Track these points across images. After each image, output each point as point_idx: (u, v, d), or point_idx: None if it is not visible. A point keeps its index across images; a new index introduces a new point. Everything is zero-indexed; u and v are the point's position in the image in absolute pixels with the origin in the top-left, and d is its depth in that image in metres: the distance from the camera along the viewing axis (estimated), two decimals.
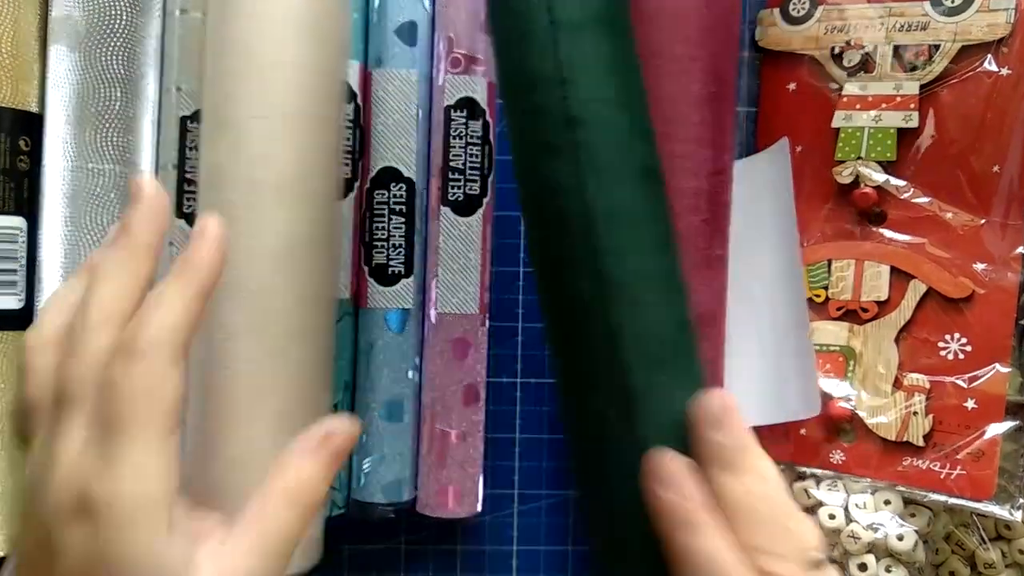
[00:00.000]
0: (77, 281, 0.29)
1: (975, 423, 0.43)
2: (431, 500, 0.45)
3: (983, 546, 0.45)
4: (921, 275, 0.45)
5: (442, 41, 0.45)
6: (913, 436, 0.44)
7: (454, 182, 0.45)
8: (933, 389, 0.44)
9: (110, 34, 0.42)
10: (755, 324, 0.47)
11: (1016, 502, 0.42)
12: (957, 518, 0.46)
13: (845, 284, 0.47)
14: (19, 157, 0.42)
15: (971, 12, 0.44)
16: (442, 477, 0.45)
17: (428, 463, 0.45)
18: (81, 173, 0.42)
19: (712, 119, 0.42)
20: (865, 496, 0.45)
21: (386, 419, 0.45)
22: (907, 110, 0.46)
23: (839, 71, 0.47)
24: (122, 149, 0.43)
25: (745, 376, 0.47)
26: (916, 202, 0.46)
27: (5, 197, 0.42)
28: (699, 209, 0.42)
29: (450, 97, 0.45)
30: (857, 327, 0.47)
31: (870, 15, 0.46)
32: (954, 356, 0.44)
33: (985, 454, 0.43)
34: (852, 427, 0.46)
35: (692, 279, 0.42)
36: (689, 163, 0.42)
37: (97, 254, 0.29)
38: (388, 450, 0.45)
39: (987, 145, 0.44)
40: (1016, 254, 0.43)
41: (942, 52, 0.45)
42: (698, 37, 0.41)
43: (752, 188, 0.48)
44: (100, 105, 0.42)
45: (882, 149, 0.46)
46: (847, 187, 0.47)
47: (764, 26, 0.49)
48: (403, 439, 0.45)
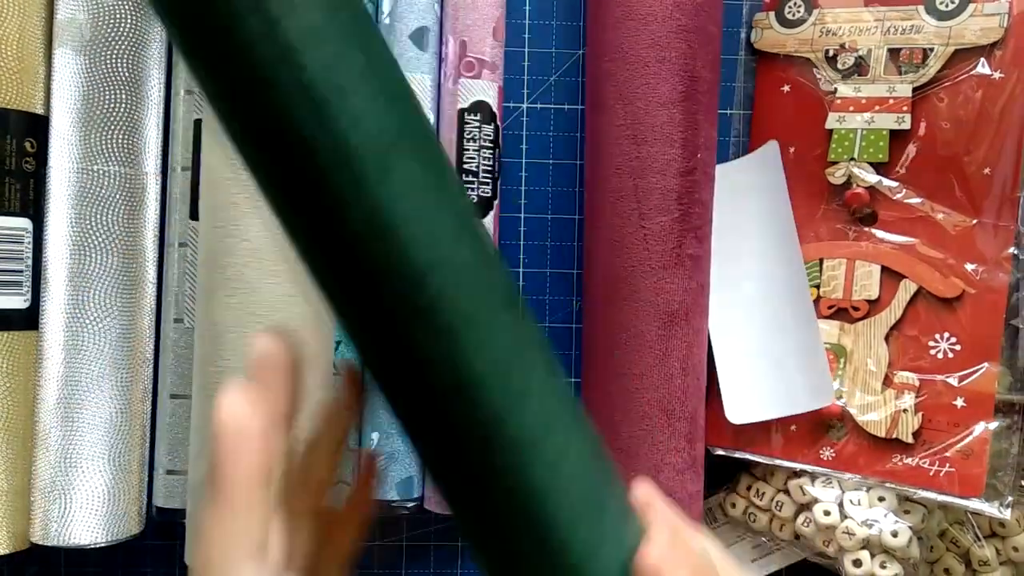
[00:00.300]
0: None
1: (964, 421, 0.44)
2: (439, 497, 0.45)
3: (977, 543, 0.45)
4: (913, 275, 0.46)
5: (454, 45, 0.45)
6: (903, 434, 0.45)
7: (468, 184, 0.45)
8: (923, 387, 0.45)
9: (115, 37, 0.42)
10: (753, 322, 0.48)
11: (1005, 500, 0.42)
12: (951, 515, 0.46)
13: (836, 283, 0.47)
14: (25, 159, 0.43)
15: (965, 16, 0.45)
16: None
17: None
18: (86, 175, 0.42)
19: (683, 119, 0.43)
20: (860, 493, 0.45)
21: None
22: (900, 112, 0.46)
23: (833, 73, 0.48)
24: (127, 151, 0.43)
25: (748, 373, 0.47)
26: (908, 203, 0.46)
27: (11, 198, 0.42)
28: (668, 209, 0.43)
29: (464, 100, 0.45)
30: (848, 325, 0.47)
31: (864, 19, 0.47)
32: (944, 355, 0.45)
33: (974, 452, 0.43)
34: (842, 424, 0.46)
35: (662, 278, 0.43)
36: (656, 163, 0.43)
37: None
38: (401, 447, 0.45)
39: (979, 147, 0.44)
40: (1007, 255, 0.44)
41: (935, 55, 0.45)
42: (667, 39, 0.42)
43: (741, 189, 0.48)
44: (105, 107, 0.42)
45: (875, 151, 0.46)
46: (840, 188, 0.47)
47: (759, 29, 0.50)
48: None
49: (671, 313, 0.43)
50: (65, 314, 0.42)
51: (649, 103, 0.43)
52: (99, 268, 0.42)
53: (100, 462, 0.42)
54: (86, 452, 0.42)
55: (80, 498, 0.42)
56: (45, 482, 0.42)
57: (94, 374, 0.42)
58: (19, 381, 0.43)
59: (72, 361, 0.42)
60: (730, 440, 0.48)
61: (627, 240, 0.43)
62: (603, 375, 0.45)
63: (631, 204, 0.43)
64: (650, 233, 0.43)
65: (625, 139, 0.43)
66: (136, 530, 0.44)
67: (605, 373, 0.44)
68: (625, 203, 0.43)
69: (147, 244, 0.44)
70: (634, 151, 0.43)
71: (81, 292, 0.42)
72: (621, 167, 0.43)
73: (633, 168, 0.43)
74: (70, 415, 0.42)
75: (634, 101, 0.43)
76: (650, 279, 0.43)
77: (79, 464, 0.42)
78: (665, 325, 0.43)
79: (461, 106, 0.45)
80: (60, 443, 0.42)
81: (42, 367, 0.43)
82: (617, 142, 0.43)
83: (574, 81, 0.50)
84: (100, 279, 0.42)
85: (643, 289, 0.43)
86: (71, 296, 0.42)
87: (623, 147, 0.43)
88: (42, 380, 0.43)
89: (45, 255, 0.43)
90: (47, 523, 0.42)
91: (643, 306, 0.43)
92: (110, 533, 0.43)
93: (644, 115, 0.43)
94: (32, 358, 0.43)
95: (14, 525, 0.43)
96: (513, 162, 0.50)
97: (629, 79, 0.43)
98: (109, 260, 0.43)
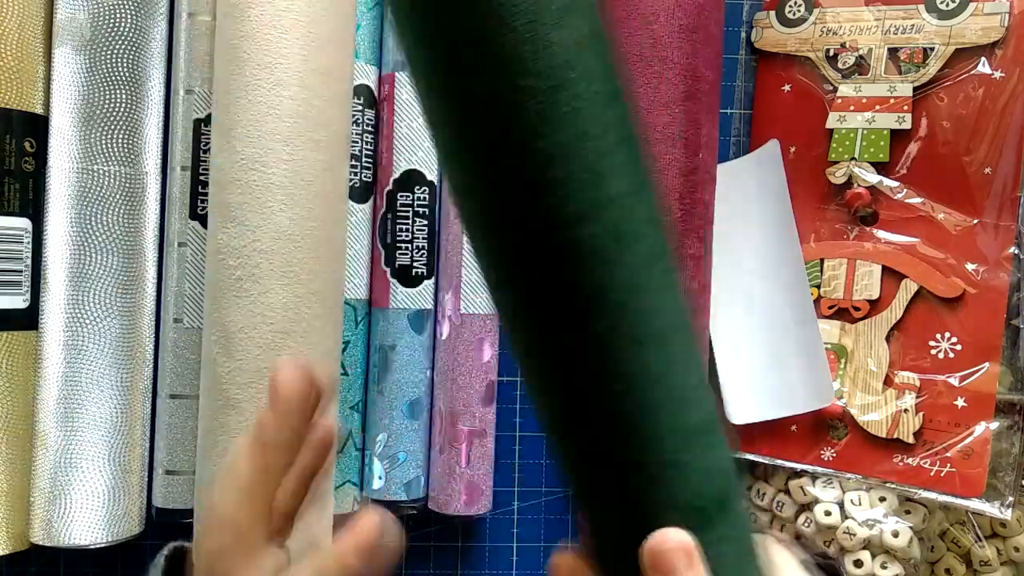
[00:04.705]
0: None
1: (965, 421, 0.44)
2: (445, 497, 0.46)
3: (978, 543, 0.45)
4: (913, 275, 0.46)
5: None
6: (903, 434, 0.45)
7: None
8: (924, 387, 0.45)
9: (115, 37, 0.42)
10: (753, 322, 0.48)
11: (1006, 500, 0.42)
12: (952, 515, 0.46)
13: (837, 283, 0.47)
14: (24, 158, 0.43)
15: (965, 16, 0.45)
16: (457, 475, 0.45)
17: (443, 461, 0.46)
18: (86, 174, 0.42)
19: (684, 118, 0.43)
20: (861, 493, 0.45)
21: (409, 417, 0.45)
22: (900, 112, 0.46)
23: (834, 73, 0.48)
24: (127, 150, 0.43)
25: (749, 373, 0.47)
26: (909, 203, 0.46)
27: (11, 198, 0.42)
28: (669, 208, 0.43)
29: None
30: (849, 325, 0.47)
31: (865, 18, 0.47)
32: (945, 355, 0.45)
33: (975, 452, 0.43)
34: (843, 424, 0.46)
35: None
36: (658, 162, 0.43)
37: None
38: (410, 448, 0.45)
39: (980, 147, 0.44)
40: (1007, 254, 0.44)
41: (936, 55, 0.45)
42: (669, 39, 0.42)
43: (743, 188, 0.48)
44: (105, 107, 0.42)
45: (875, 150, 0.46)
46: (840, 187, 0.47)
47: (760, 28, 0.50)
48: (421, 437, 0.46)
49: None
50: (65, 314, 0.42)
51: (651, 102, 0.43)
52: (99, 268, 0.42)
53: (100, 462, 0.42)
54: (86, 452, 0.42)
55: (80, 498, 0.42)
56: (45, 482, 0.42)
57: (94, 374, 0.42)
58: (19, 381, 0.43)
59: (72, 361, 0.42)
60: (730, 440, 0.48)
61: None
62: None
63: None
64: None
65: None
66: (136, 530, 0.44)
67: None
68: None
69: (147, 244, 0.44)
70: None
71: (81, 292, 0.42)
72: None
73: None
74: (70, 415, 0.42)
75: (636, 100, 0.43)
76: None
77: (79, 464, 0.42)
78: None
79: None
80: (60, 443, 0.42)
81: (42, 367, 0.43)
82: None
83: None
84: (100, 279, 0.42)
85: None
86: (71, 296, 0.42)
87: None
88: (42, 380, 0.43)
89: (45, 255, 0.43)
90: (47, 523, 0.42)
91: None
92: (110, 533, 0.43)
93: (646, 114, 0.43)
94: (32, 358, 0.43)
95: (14, 525, 0.43)
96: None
97: (631, 78, 0.43)
98: (109, 260, 0.42)
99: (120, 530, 0.43)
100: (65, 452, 0.42)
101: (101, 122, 0.42)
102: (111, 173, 0.43)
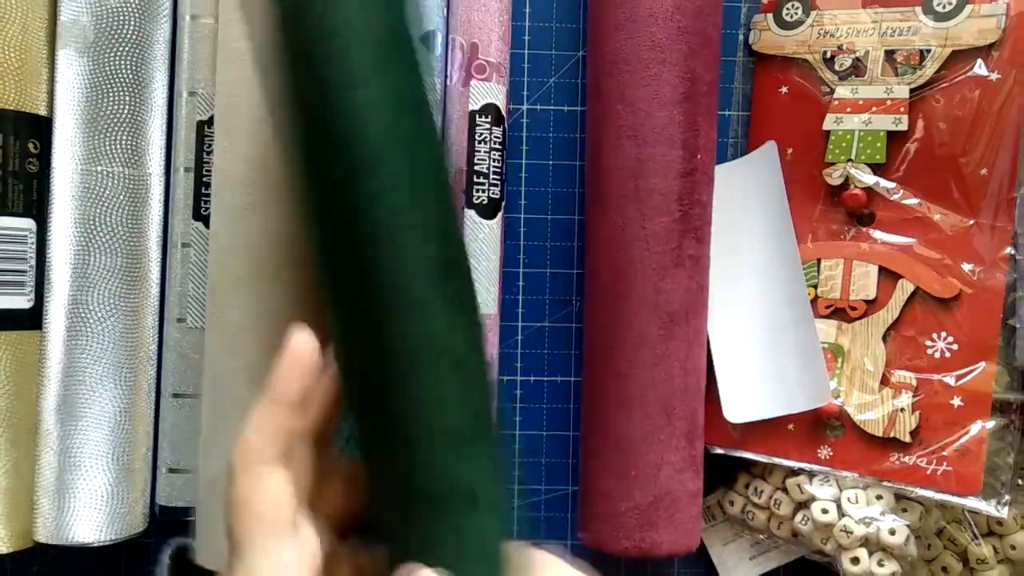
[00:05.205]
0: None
1: (962, 420, 0.44)
2: None
3: (975, 542, 0.46)
4: (910, 275, 0.46)
5: (464, 47, 0.45)
6: (900, 433, 0.45)
7: (479, 186, 0.45)
8: (920, 387, 0.45)
9: (119, 39, 0.43)
10: (751, 322, 0.48)
11: (1002, 498, 0.43)
12: (949, 514, 0.46)
13: (834, 283, 0.48)
14: (28, 160, 0.43)
15: (962, 17, 0.45)
16: None
17: None
18: (90, 175, 0.43)
19: (683, 120, 0.43)
20: (857, 491, 0.45)
21: None
22: (897, 113, 0.46)
23: (831, 75, 0.48)
24: (130, 152, 0.43)
25: (746, 372, 0.47)
26: (905, 203, 0.46)
27: (14, 199, 0.43)
28: (667, 210, 0.43)
29: (475, 102, 0.45)
30: (845, 325, 0.47)
31: (862, 20, 0.47)
32: (941, 354, 0.45)
33: (971, 451, 0.43)
34: (840, 423, 0.46)
35: (662, 279, 0.43)
36: (657, 164, 0.43)
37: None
38: None
39: (976, 148, 0.45)
40: (1003, 255, 0.44)
41: (932, 57, 0.46)
42: (667, 41, 0.43)
43: (740, 190, 0.49)
44: (109, 108, 0.43)
45: (872, 152, 0.47)
46: (837, 188, 0.48)
47: (757, 30, 0.50)
48: None
49: (671, 313, 0.43)
50: (68, 314, 0.43)
51: (650, 104, 0.43)
52: (102, 268, 0.43)
53: (103, 460, 0.43)
54: (89, 451, 0.42)
55: (83, 496, 0.42)
56: (48, 480, 0.43)
57: (97, 373, 0.43)
58: (22, 380, 0.43)
59: (75, 360, 0.43)
60: (729, 439, 0.48)
61: (627, 241, 0.43)
62: (603, 375, 0.45)
63: (631, 205, 0.43)
64: (650, 234, 0.43)
65: (626, 140, 0.43)
66: (139, 528, 0.45)
67: (605, 373, 0.45)
68: (625, 204, 0.44)
69: (150, 244, 0.44)
70: (634, 152, 0.43)
71: (84, 292, 0.42)
72: (622, 168, 0.44)
73: (633, 169, 0.43)
74: (73, 414, 0.42)
75: (635, 102, 0.43)
76: (650, 279, 0.43)
77: (82, 463, 0.42)
78: (665, 325, 0.43)
79: (472, 108, 0.45)
80: (63, 442, 0.42)
81: (45, 366, 0.43)
82: (618, 143, 0.44)
83: (574, 83, 0.50)
84: (103, 279, 0.43)
85: (643, 289, 0.43)
86: (74, 296, 0.42)
87: (624, 148, 0.44)
88: (45, 379, 0.43)
89: (48, 255, 0.43)
90: (50, 521, 0.43)
91: (643, 306, 0.43)
92: (113, 531, 0.43)
93: (645, 116, 0.43)
94: (35, 358, 0.44)
95: (17, 523, 0.43)
96: (514, 163, 0.50)
97: (630, 81, 0.43)
98: (112, 260, 0.43)
99: (123, 528, 0.43)
100: (68, 450, 0.42)
101: (105, 124, 0.43)
102: (115, 174, 0.43)
